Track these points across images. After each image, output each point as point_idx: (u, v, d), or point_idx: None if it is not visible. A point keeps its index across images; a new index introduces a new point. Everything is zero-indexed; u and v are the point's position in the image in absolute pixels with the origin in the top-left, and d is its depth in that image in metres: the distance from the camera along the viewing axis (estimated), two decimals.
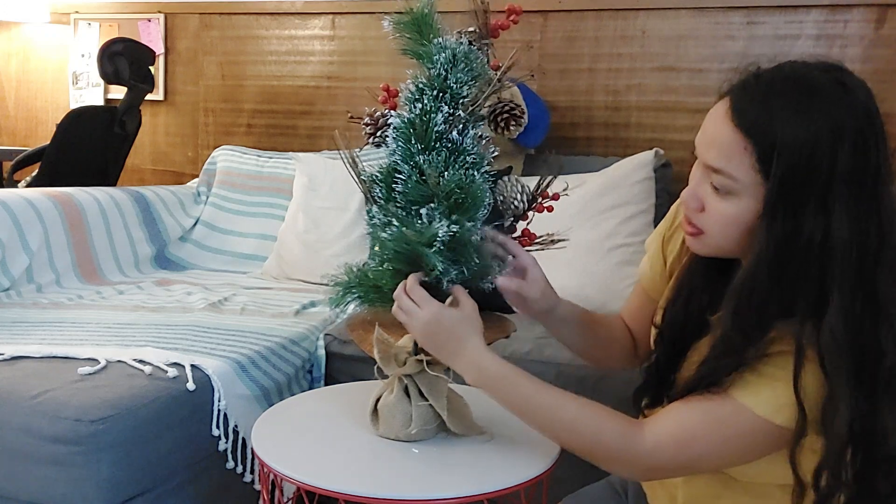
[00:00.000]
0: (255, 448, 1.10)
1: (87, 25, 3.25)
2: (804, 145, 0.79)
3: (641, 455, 0.89)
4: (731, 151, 0.83)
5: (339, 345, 1.78)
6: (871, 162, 0.80)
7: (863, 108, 0.80)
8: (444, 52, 1.01)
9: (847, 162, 0.78)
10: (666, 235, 1.10)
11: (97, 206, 2.29)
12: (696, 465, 0.89)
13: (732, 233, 0.86)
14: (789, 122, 0.79)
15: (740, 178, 0.83)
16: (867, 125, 0.80)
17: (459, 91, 1.01)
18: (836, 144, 0.78)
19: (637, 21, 2.45)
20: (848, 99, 0.80)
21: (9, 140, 3.46)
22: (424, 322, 1.00)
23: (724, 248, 0.89)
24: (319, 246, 2.33)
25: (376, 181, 1.06)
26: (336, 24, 2.85)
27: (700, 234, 0.90)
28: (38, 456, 1.28)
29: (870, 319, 0.79)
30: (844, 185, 0.79)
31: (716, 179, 0.85)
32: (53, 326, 1.70)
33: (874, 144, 0.80)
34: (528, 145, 2.31)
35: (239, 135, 3.04)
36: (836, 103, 0.80)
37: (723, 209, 0.86)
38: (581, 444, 0.95)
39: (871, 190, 0.80)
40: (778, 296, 0.82)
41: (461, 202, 0.99)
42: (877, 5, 2.20)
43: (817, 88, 0.81)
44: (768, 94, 0.82)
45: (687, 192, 0.90)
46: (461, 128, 1.01)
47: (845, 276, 0.79)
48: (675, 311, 0.98)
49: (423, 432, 1.10)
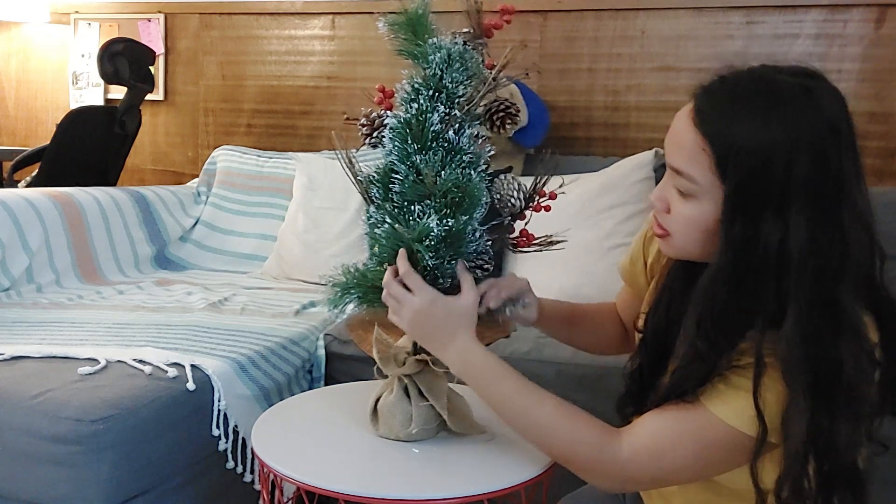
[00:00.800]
0: (255, 448, 1.10)
1: (87, 25, 3.25)
2: (760, 151, 0.78)
3: (617, 466, 0.88)
4: (692, 154, 0.83)
5: (339, 345, 1.78)
6: (831, 173, 0.78)
7: (826, 117, 0.79)
8: (440, 52, 1.01)
9: (805, 171, 0.77)
10: (647, 235, 1.10)
11: (97, 206, 2.29)
12: (671, 476, 0.89)
13: (694, 236, 0.86)
14: (747, 127, 0.79)
15: (699, 180, 0.83)
16: (829, 135, 0.78)
17: (455, 90, 1.01)
18: (793, 152, 0.77)
19: (637, 21, 2.45)
20: (811, 107, 0.79)
21: (9, 140, 3.46)
22: (415, 309, 0.98)
23: (689, 252, 0.89)
24: (319, 246, 2.33)
25: (373, 182, 1.06)
26: (336, 24, 2.85)
27: (667, 235, 0.91)
28: (39, 456, 1.28)
29: (829, 332, 0.78)
30: (802, 194, 0.78)
31: (678, 181, 0.86)
32: (53, 326, 1.70)
33: (836, 155, 0.78)
34: (528, 145, 2.31)
35: (239, 135, 3.05)
36: (798, 111, 0.78)
37: (685, 211, 0.86)
38: (558, 451, 0.94)
39: (833, 201, 0.78)
40: (738, 304, 0.81)
41: (458, 201, 0.99)
42: (876, 5, 2.20)
43: (780, 95, 0.80)
44: (731, 98, 0.82)
45: (654, 192, 0.91)
46: (457, 127, 1.02)
47: (801, 287, 0.78)
48: (657, 316, 0.98)
49: (423, 432, 1.10)
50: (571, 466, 0.93)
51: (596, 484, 0.94)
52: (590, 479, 0.93)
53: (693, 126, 0.83)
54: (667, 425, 0.86)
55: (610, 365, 1.50)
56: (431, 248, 0.98)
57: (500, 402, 0.97)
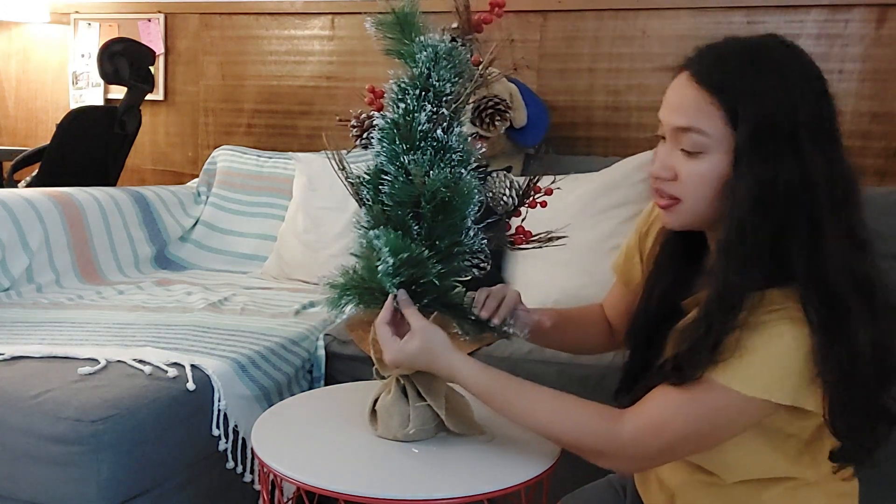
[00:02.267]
0: (255, 448, 1.10)
1: (87, 25, 3.25)
2: (766, 95, 0.84)
3: (623, 448, 0.91)
4: (699, 109, 0.87)
5: (339, 345, 1.78)
6: (825, 110, 0.85)
7: (808, 63, 0.87)
8: (426, 51, 1.01)
9: (809, 108, 0.84)
10: (642, 231, 1.12)
11: (97, 206, 2.29)
12: (677, 448, 0.90)
13: (706, 192, 0.88)
14: (748, 77, 0.85)
15: (710, 132, 0.86)
16: (815, 79, 0.86)
17: (443, 88, 1.01)
18: (795, 92, 0.84)
19: (637, 21, 2.45)
20: (795, 55, 0.87)
21: (9, 140, 3.46)
22: (391, 359, 1.03)
23: (699, 213, 0.91)
24: (319, 246, 2.33)
25: (364, 183, 1.05)
26: (335, 24, 2.85)
27: (675, 203, 0.92)
28: (39, 456, 1.28)
29: (859, 251, 0.85)
30: (810, 130, 0.83)
31: (686, 140, 0.88)
32: (53, 326, 1.70)
33: (826, 94, 0.86)
34: (528, 145, 2.31)
35: (239, 135, 3.04)
36: (787, 59, 0.86)
37: (696, 169, 0.88)
38: (566, 442, 0.98)
39: (831, 135, 0.86)
40: (764, 248, 0.84)
41: (448, 200, 0.99)
42: (877, 5, 2.20)
43: (766, 49, 0.87)
44: (724, 56, 0.88)
45: (657, 165, 0.92)
46: (446, 125, 1.01)
47: (833, 215, 0.83)
48: (648, 302, 1.01)
49: (420, 432, 1.09)
50: (581, 454, 0.96)
51: (608, 467, 0.96)
52: (601, 463, 0.95)
53: (695, 85, 0.88)
54: (669, 399, 0.88)
55: (611, 365, 1.50)
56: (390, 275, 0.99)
57: (499, 408, 1.01)
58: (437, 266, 0.99)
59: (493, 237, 1.08)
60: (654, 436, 0.89)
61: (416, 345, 1.01)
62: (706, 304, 0.86)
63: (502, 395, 0.99)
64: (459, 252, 1.03)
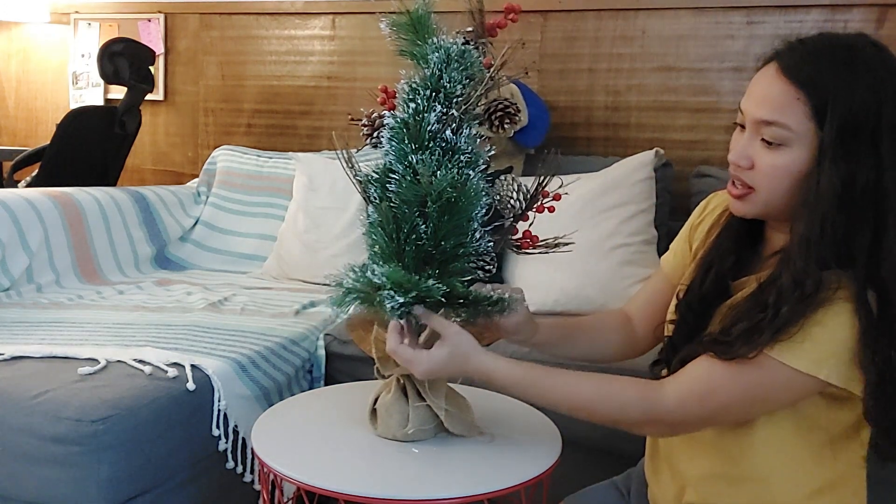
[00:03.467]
0: (255, 448, 1.10)
1: (87, 25, 3.25)
2: (853, 95, 0.85)
3: (666, 415, 0.93)
4: (785, 103, 0.88)
5: (339, 345, 1.78)
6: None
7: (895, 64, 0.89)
8: (438, 52, 1.01)
9: (891, 111, 0.86)
10: (694, 223, 1.14)
11: (97, 206, 2.29)
12: (719, 416, 0.92)
13: (782, 184, 0.90)
14: (838, 75, 0.86)
15: (794, 127, 0.88)
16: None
17: (453, 90, 1.01)
18: (881, 94, 0.86)
19: (637, 21, 2.45)
20: (883, 56, 0.88)
21: (9, 140, 3.46)
22: (423, 370, 1.02)
23: (771, 203, 0.93)
24: (319, 246, 2.33)
25: (372, 181, 1.06)
26: (336, 24, 2.85)
27: (749, 192, 0.94)
28: (39, 456, 1.28)
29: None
30: (889, 130, 0.86)
31: (768, 132, 0.90)
32: (53, 326, 1.70)
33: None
34: (528, 145, 2.31)
35: (239, 135, 3.04)
36: (875, 59, 0.88)
37: (774, 160, 0.90)
38: (606, 420, 0.98)
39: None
40: (836, 241, 0.86)
41: (454, 201, 0.99)
42: (877, 5, 2.20)
43: (856, 48, 0.88)
44: (815, 53, 0.89)
45: (735, 153, 0.94)
46: (455, 127, 1.01)
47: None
48: (703, 280, 1.02)
49: (420, 432, 1.09)
50: (622, 427, 0.97)
51: (647, 435, 1.00)
52: (643, 432, 0.99)
53: (783, 78, 0.89)
54: (715, 369, 0.90)
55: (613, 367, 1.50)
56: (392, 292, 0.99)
57: (537, 398, 1.02)
58: (442, 287, 0.99)
59: (500, 240, 1.08)
60: (699, 403, 0.91)
61: (446, 351, 1.01)
62: (778, 289, 0.88)
63: (540, 385, 1.00)
64: (465, 253, 1.03)
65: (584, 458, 1.51)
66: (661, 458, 1.07)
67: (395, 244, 1.02)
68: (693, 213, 1.16)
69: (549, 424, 1.21)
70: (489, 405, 1.27)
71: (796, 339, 0.85)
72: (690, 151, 2.39)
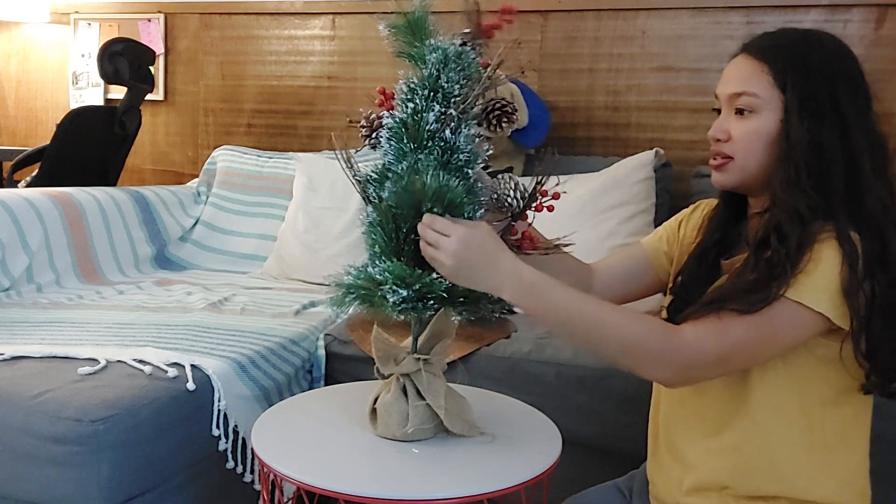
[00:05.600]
0: (255, 448, 1.10)
1: (87, 25, 3.26)
2: (810, 62, 0.98)
3: (683, 349, 0.94)
4: (751, 75, 1.00)
5: (339, 345, 1.78)
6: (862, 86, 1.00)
7: (846, 48, 1.01)
8: (436, 53, 1.02)
9: (845, 73, 0.98)
10: (684, 220, 1.20)
11: (97, 206, 2.29)
12: (733, 356, 0.94)
13: (756, 147, 1.00)
14: (795, 49, 1.00)
15: (761, 94, 0.99)
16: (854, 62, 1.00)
17: (451, 90, 1.02)
18: (834, 65, 0.98)
19: (637, 21, 2.45)
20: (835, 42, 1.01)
21: (9, 140, 3.46)
22: (454, 249, 0.97)
23: (748, 168, 1.01)
24: (319, 246, 2.33)
25: (371, 181, 1.06)
26: (336, 24, 2.85)
27: (728, 161, 1.03)
28: (39, 456, 1.28)
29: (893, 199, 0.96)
30: (848, 92, 0.97)
31: (739, 102, 1.01)
32: (53, 326, 1.70)
33: (860, 74, 1.00)
34: (528, 145, 2.31)
35: (239, 135, 3.05)
36: (831, 41, 1.01)
37: (748, 127, 1.00)
38: (624, 346, 0.97)
39: (866, 105, 1.00)
40: (813, 186, 0.95)
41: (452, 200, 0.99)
42: (877, 5, 2.20)
43: (813, 32, 1.02)
44: (777, 36, 1.03)
45: (713, 129, 1.04)
46: (454, 126, 1.02)
47: (871, 162, 0.96)
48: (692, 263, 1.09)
49: (419, 432, 1.10)
50: (636, 359, 0.97)
51: (657, 376, 1.00)
52: (652, 370, 0.98)
53: (750, 57, 1.01)
54: (730, 309, 0.93)
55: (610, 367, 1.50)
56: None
57: (565, 309, 0.98)
58: (444, 282, 0.99)
59: None
60: (715, 339, 0.93)
61: (483, 228, 0.99)
62: (777, 234, 0.94)
63: (566, 295, 0.98)
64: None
65: (584, 459, 1.51)
66: (663, 449, 1.08)
67: (394, 244, 1.02)
68: (684, 210, 1.22)
69: (550, 424, 1.21)
70: (489, 405, 1.27)
71: (810, 279, 0.90)
72: (690, 151, 2.39)
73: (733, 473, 0.99)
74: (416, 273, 0.99)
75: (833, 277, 0.90)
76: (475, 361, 1.64)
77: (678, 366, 0.96)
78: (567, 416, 1.35)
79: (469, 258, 0.98)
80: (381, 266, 1.00)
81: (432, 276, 0.98)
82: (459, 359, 1.63)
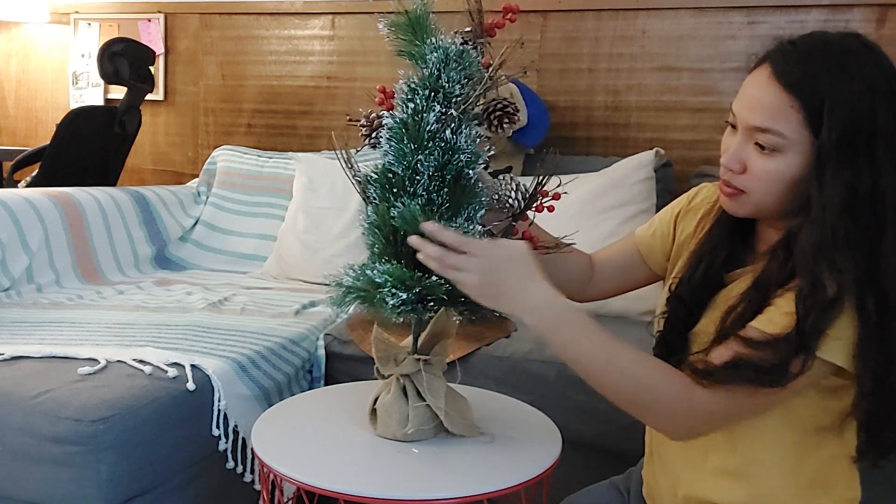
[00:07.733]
0: (255, 448, 1.10)
1: (87, 25, 3.25)
2: (848, 102, 0.85)
3: (695, 411, 0.90)
4: (778, 111, 0.87)
5: (339, 345, 1.78)
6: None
7: (888, 67, 0.87)
8: (437, 52, 1.01)
9: (885, 116, 0.85)
10: (681, 212, 1.13)
11: (97, 206, 2.29)
12: (745, 414, 0.92)
13: (776, 189, 0.90)
14: (831, 81, 0.85)
15: (789, 134, 0.87)
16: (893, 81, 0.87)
17: (452, 90, 1.01)
18: (875, 101, 0.85)
19: (637, 21, 2.45)
20: (876, 58, 0.87)
21: (9, 140, 3.46)
22: (480, 268, 0.93)
23: (764, 206, 0.93)
24: (319, 246, 2.33)
25: (371, 181, 1.06)
26: (336, 24, 2.85)
27: (740, 194, 0.93)
28: (39, 456, 1.28)
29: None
30: (886, 139, 0.85)
31: (762, 139, 0.89)
32: (53, 326, 1.70)
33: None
34: (528, 145, 2.31)
35: (239, 135, 3.05)
36: (868, 62, 0.86)
37: (768, 166, 0.90)
38: (637, 400, 0.93)
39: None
40: (846, 247, 0.85)
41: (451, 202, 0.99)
42: (877, 5, 2.20)
43: (849, 51, 0.87)
44: (807, 57, 0.88)
45: (727, 157, 0.93)
46: (454, 126, 1.01)
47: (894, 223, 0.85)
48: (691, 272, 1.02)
49: (419, 432, 1.09)
50: (652, 410, 0.93)
51: (663, 430, 0.96)
52: (661, 426, 0.95)
53: (776, 84, 0.88)
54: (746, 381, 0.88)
55: None
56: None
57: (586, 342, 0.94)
58: (445, 284, 0.97)
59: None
60: (728, 405, 0.89)
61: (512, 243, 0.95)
62: (803, 299, 0.86)
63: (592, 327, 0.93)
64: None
65: (584, 458, 1.51)
66: (655, 459, 1.08)
67: (392, 245, 1.02)
68: (681, 198, 1.15)
69: (550, 424, 1.21)
70: (489, 405, 1.27)
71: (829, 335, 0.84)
72: (691, 151, 2.39)
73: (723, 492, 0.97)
74: (416, 276, 0.98)
75: (849, 337, 0.85)
76: (475, 361, 1.64)
77: (688, 427, 0.93)
78: (567, 416, 1.34)
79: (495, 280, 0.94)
80: (380, 268, 0.99)
81: (432, 278, 0.98)
82: (459, 359, 1.63)
